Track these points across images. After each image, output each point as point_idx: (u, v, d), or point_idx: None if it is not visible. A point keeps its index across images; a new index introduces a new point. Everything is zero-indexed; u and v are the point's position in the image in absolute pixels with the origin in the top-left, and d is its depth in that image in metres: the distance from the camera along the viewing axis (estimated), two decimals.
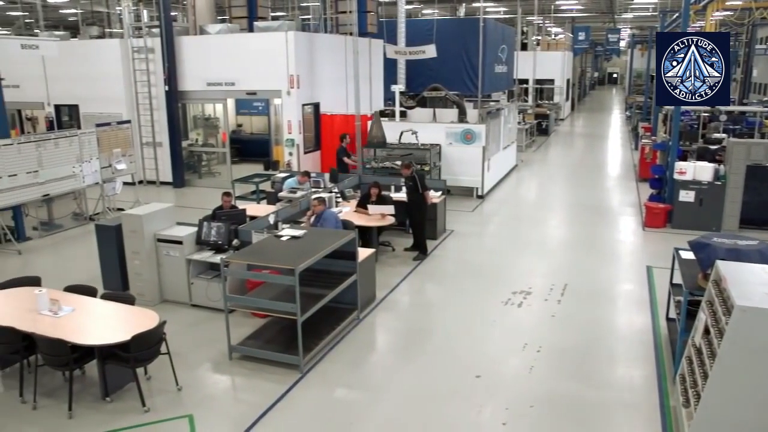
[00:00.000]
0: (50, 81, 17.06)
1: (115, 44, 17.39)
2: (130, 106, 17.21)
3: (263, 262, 7.25)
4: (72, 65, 16.87)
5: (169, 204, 9.56)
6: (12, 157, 11.76)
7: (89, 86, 17.29)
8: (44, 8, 24.59)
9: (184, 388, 6.77)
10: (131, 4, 17.96)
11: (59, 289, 7.54)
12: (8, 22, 31.69)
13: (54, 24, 33.97)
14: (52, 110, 18.08)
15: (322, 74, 16.78)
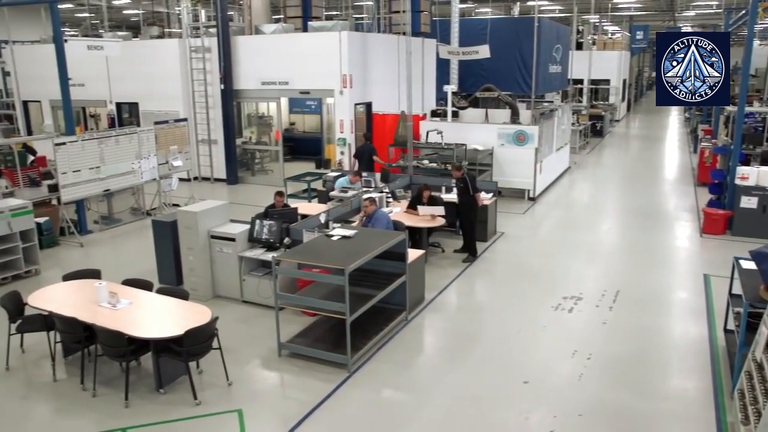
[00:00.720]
0: (112, 80, 17.60)
1: (173, 44, 17.85)
2: (186, 104, 17.64)
3: (314, 261, 7.33)
4: (133, 64, 17.37)
5: (223, 201, 9.76)
6: (76, 154, 12.21)
7: (149, 85, 17.81)
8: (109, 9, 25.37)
9: (234, 383, 6.91)
10: (190, 5, 18.39)
11: (117, 282, 7.80)
12: (76, 24, 32.82)
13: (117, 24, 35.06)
14: (113, 108, 18.67)
15: (374, 74, 16.85)
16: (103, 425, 6.22)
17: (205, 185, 17.31)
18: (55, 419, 6.44)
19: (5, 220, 9.93)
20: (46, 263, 10.83)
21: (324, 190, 12.67)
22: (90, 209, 13.48)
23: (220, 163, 17.65)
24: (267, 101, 18.21)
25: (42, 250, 10.98)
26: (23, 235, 10.26)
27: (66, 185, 12.10)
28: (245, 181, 17.86)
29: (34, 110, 21.12)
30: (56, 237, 12.16)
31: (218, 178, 17.74)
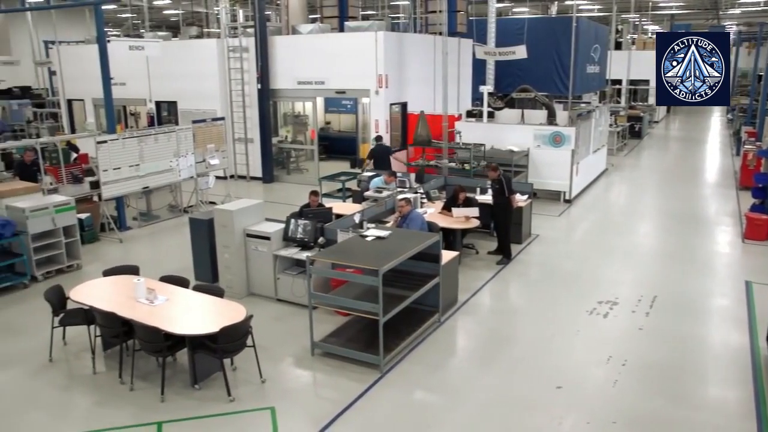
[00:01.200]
0: (152, 79, 17.90)
1: (212, 44, 18.10)
2: (224, 103, 17.87)
3: (348, 261, 7.37)
4: (172, 64, 17.65)
5: (258, 200, 9.87)
6: (117, 152, 12.47)
7: (187, 84, 18.10)
8: (149, 10, 25.84)
9: (268, 381, 6.99)
10: (228, 5, 18.63)
11: (155, 278, 7.95)
12: (118, 24, 33.53)
13: (157, 24, 35.64)
14: (153, 106, 19.02)
15: (410, 74, 16.84)
16: (139, 418, 6.36)
17: (241, 183, 17.52)
18: (95, 410, 6.59)
19: (50, 216, 10.19)
20: (87, 258, 11.08)
21: (359, 189, 12.72)
22: (129, 206, 13.77)
23: (256, 162, 17.84)
24: (303, 101, 18.35)
25: (83, 246, 11.23)
26: (66, 230, 10.52)
27: (107, 182, 12.38)
28: (280, 180, 18.03)
29: (77, 108, 21.63)
30: (97, 233, 12.44)
31: (254, 177, 17.94)
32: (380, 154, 14.82)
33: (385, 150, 15.00)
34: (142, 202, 14.15)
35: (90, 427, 6.29)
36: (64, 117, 21.89)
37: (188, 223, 10.15)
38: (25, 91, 26.73)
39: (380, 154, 14.84)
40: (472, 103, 19.56)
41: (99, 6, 12.62)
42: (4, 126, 22.50)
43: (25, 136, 21.71)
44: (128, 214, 13.51)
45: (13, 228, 9.80)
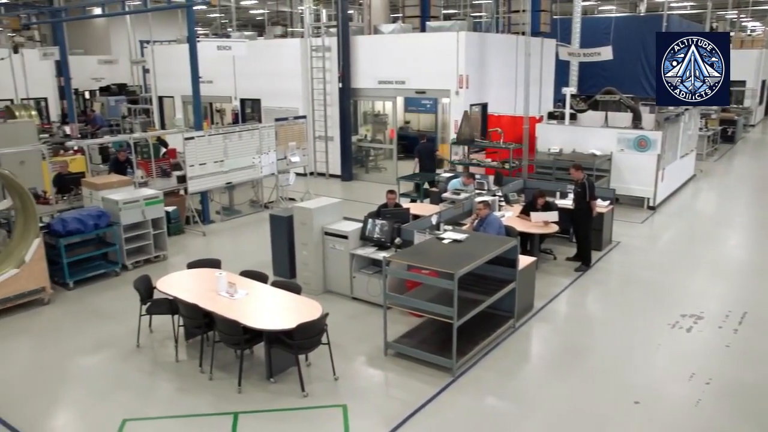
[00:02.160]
0: (238, 77, 18.48)
1: (295, 43, 18.49)
2: (306, 101, 18.23)
3: (424, 263, 7.38)
4: (257, 63, 18.14)
5: (337, 199, 10.02)
6: (203, 148, 12.95)
7: (271, 82, 18.58)
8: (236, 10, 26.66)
9: (341, 379, 7.10)
10: (312, 5, 18.98)
11: (236, 272, 8.21)
12: (207, 23, 34.80)
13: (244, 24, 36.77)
14: (237, 104, 19.63)
15: (491, 74, 16.67)
16: (217, 407, 6.60)
17: (320, 181, 17.83)
18: (176, 396, 6.89)
19: (140, 209, 10.70)
20: (173, 249, 11.56)
21: (436, 190, 12.70)
22: (213, 200, 14.28)
23: (335, 160, 18.12)
24: (383, 100, 18.48)
25: (169, 237, 11.70)
26: (154, 222, 11.01)
27: (193, 177, 12.88)
28: (359, 178, 18.24)
29: (167, 105, 22.60)
30: (182, 225, 12.97)
31: (333, 174, 18.22)
32: (425, 153, 14.98)
33: (430, 148, 15.16)
34: (225, 197, 14.63)
35: (172, 411, 6.60)
36: (155, 113, 22.91)
37: (268, 219, 10.42)
38: (121, 88, 28.18)
39: (425, 152, 14.99)
40: (554, 104, 19.15)
41: (191, 8, 13.13)
42: (102, 121, 23.76)
43: (120, 130, 22.87)
44: (212, 208, 14.02)
45: (108, 219, 10.36)
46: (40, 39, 27.32)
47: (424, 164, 14.85)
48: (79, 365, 7.65)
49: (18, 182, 9.15)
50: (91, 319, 8.90)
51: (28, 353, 8.10)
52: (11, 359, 7.86)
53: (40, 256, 9.19)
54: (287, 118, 15.29)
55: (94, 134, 21.01)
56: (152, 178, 13.37)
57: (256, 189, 14.96)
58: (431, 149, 15.21)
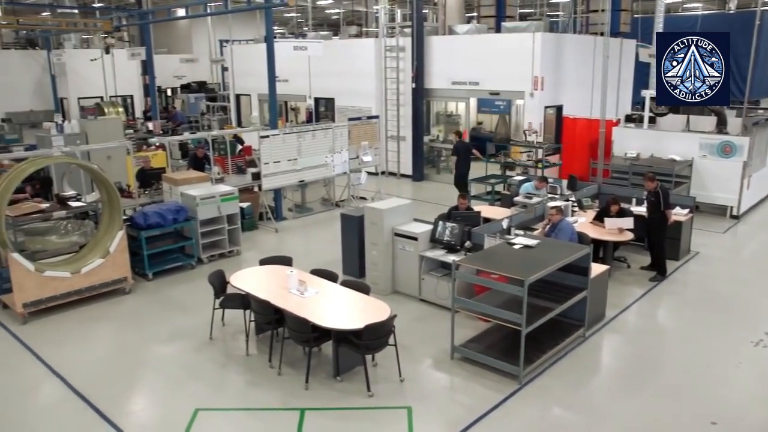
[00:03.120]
0: (312, 76, 18.79)
1: (370, 43, 18.65)
2: (379, 101, 18.35)
3: (493, 269, 7.31)
4: (332, 62, 18.38)
5: (408, 200, 10.05)
6: (278, 146, 13.24)
7: (344, 82, 18.80)
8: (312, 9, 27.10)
9: (406, 380, 7.12)
10: (387, 4, 19.08)
11: (306, 269, 8.39)
12: (284, 22, 35.54)
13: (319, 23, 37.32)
14: (312, 102, 19.96)
15: (567, 76, 16.33)
16: (284, 402, 6.75)
17: (391, 180, 17.90)
18: (246, 390, 7.08)
19: (216, 205, 11.05)
20: (246, 245, 11.88)
21: (508, 194, 12.55)
22: (286, 197, 14.58)
23: (407, 160, 18.16)
24: (456, 101, 18.39)
25: (243, 233, 12.02)
26: (229, 218, 11.34)
27: (267, 174, 13.18)
28: (430, 179, 18.21)
29: (244, 102, 23.21)
30: (256, 221, 13.30)
31: (404, 174, 18.26)
32: (463, 151, 15.07)
33: (467, 146, 15.25)
34: (298, 195, 14.91)
35: (241, 404, 6.80)
36: (232, 110, 23.58)
37: (339, 218, 10.57)
38: (201, 85, 29.18)
39: (463, 150, 15.08)
40: (632, 107, 18.57)
41: (269, 9, 13.44)
42: (183, 117, 24.65)
43: (198, 127, 23.66)
44: (284, 205, 14.31)
45: (186, 213, 10.74)
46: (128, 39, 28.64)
47: (461, 162, 15.00)
48: (156, 353, 7.98)
49: (105, 177, 9.62)
50: (168, 309, 9.27)
51: (111, 339, 8.51)
52: (96, 343, 8.29)
53: (123, 248, 9.63)
54: (360, 117, 15.44)
55: (175, 130, 21.81)
56: (228, 175, 13.77)
57: (327, 187, 15.18)
58: (468, 147, 15.27)
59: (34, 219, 9.84)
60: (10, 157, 11.93)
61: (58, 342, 8.24)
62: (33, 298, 8.79)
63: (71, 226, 10.26)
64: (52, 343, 8.20)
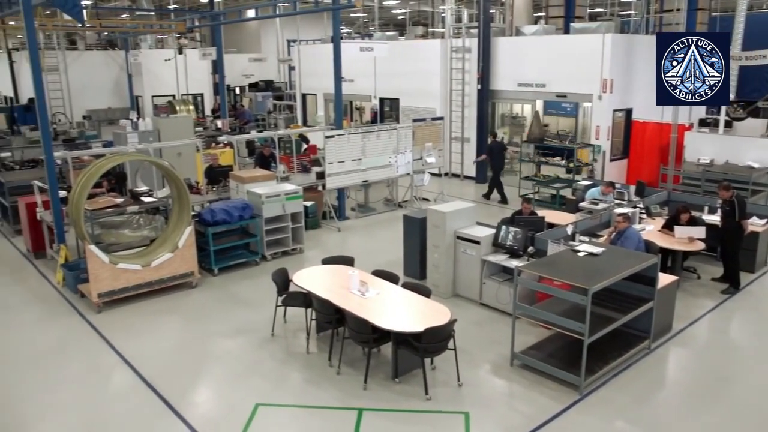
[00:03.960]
0: (378, 76, 18.89)
1: (435, 44, 18.60)
2: (443, 102, 18.29)
3: (556, 276, 7.19)
4: (397, 62, 18.40)
5: (471, 204, 9.99)
6: (342, 146, 13.39)
7: (410, 82, 18.81)
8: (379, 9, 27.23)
9: (465, 385, 7.09)
10: (453, 4, 18.98)
11: (368, 269, 8.46)
12: (350, 22, 35.87)
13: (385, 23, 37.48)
14: (377, 102, 20.07)
15: (638, 78, 15.83)
16: (342, 402, 6.82)
17: (454, 182, 17.80)
18: (305, 387, 7.19)
19: (281, 203, 11.26)
20: (309, 243, 12.06)
21: (573, 199, 12.29)
22: (349, 197, 14.71)
23: (470, 162, 18.03)
24: (522, 103, 18.14)
25: (306, 231, 12.18)
26: (293, 216, 11.53)
27: (331, 174, 13.34)
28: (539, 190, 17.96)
29: (310, 102, 23.55)
30: (319, 220, 13.49)
31: (468, 176, 18.13)
32: (496, 150, 15.58)
33: (500, 146, 15.76)
34: (361, 195, 15.03)
35: (300, 401, 6.91)
36: (298, 109, 23.95)
37: (402, 219, 10.60)
38: (268, 84, 29.76)
39: (496, 150, 15.59)
40: (707, 111, 17.88)
41: (337, 10, 13.59)
42: (250, 116, 25.21)
43: (265, 125, 24.16)
44: (347, 204, 14.45)
45: (252, 211, 11.00)
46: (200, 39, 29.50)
47: (494, 162, 15.50)
48: (219, 347, 8.20)
49: (175, 173, 9.94)
50: (232, 304, 9.51)
51: (177, 331, 8.81)
52: (163, 335, 8.60)
53: (191, 243, 9.94)
54: (425, 118, 15.43)
55: (242, 128, 22.34)
56: (293, 173, 14.01)
57: (390, 188, 15.24)
58: (502, 147, 15.76)
59: (109, 213, 10.28)
60: (90, 154, 12.47)
61: (129, 332, 8.58)
62: (107, 288, 9.19)
63: (143, 220, 10.66)
64: (124, 332, 8.55)
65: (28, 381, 7.41)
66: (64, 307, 9.49)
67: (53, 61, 24.54)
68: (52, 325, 8.95)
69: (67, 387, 7.28)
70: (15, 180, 13.25)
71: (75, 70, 26.91)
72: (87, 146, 15.81)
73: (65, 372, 7.63)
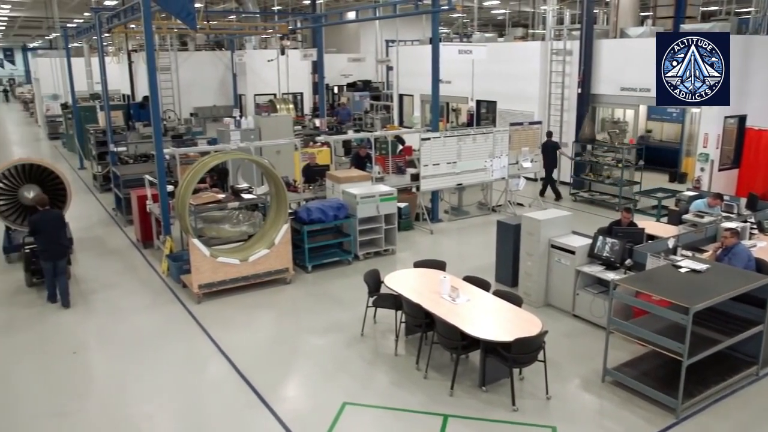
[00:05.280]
0: (475, 78, 18.72)
1: (536, 46, 18.23)
2: (542, 106, 17.91)
3: (655, 292, 6.89)
4: (496, 64, 18.18)
5: (567, 212, 9.73)
6: (438, 149, 13.38)
7: (508, 85, 18.54)
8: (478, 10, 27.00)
9: (553, 398, 6.94)
10: (555, 5, 18.51)
11: (459, 273, 8.47)
12: (449, 23, 35.73)
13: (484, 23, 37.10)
14: (473, 105, 19.91)
15: (754, 83, 14.89)
16: (427, 407, 6.83)
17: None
18: (391, 389, 7.25)
19: (375, 204, 11.40)
20: (401, 245, 12.12)
21: (676, 210, 11.72)
22: (443, 200, 14.69)
23: (567, 167, 17.55)
24: (624, 108, 17.48)
25: (399, 232, 12.24)
26: (387, 217, 11.63)
27: (426, 176, 13.37)
28: (591, 188, 17.43)
29: (407, 102, 23.68)
30: (412, 222, 13.55)
31: (564, 182, 17.65)
32: (549, 150, 15.71)
33: (554, 146, 15.90)
34: (455, 197, 14.96)
35: (385, 403, 6.97)
36: (394, 110, 24.14)
37: (495, 224, 10.49)
38: (366, 84, 30.17)
39: (549, 149, 15.72)
40: None
41: (436, 13, 13.59)
42: (347, 115, 25.65)
43: (362, 124, 24.51)
44: (440, 207, 14.42)
45: (346, 211, 11.20)
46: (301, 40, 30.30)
47: (547, 161, 15.72)
48: (310, 343, 8.42)
49: (274, 172, 10.28)
50: (324, 302, 9.73)
51: (270, 325, 9.12)
52: (257, 328, 8.92)
53: (287, 240, 10.24)
54: (522, 123, 15.18)
55: (339, 128, 22.77)
56: (388, 174, 14.13)
57: (485, 191, 15.09)
58: (555, 146, 15.91)
59: (211, 208, 10.75)
60: (196, 150, 13.09)
61: (225, 323, 8.96)
62: (207, 280, 9.63)
63: (242, 216, 11.09)
64: (220, 323, 8.94)
65: (135, 363, 7.91)
66: (167, 296, 10.04)
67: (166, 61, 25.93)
68: (156, 311, 9.50)
69: (167, 371, 7.71)
70: (128, 173, 14.15)
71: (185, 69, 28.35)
72: (193, 142, 16.60)
73: (166, 357, 8.08)
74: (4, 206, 11.54)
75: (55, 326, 9.00)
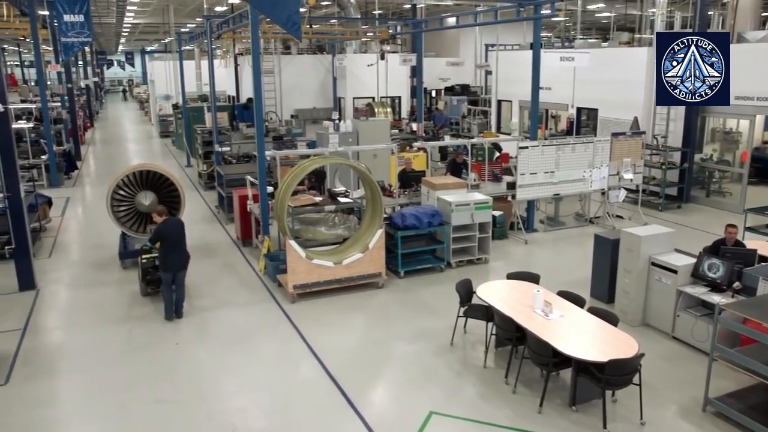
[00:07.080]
0: (576, 84, 18.22)
1: (642, 52, 17.48)
2: (647, 114, 17.18)
3: (766, 320, 6.48)
4: (598, 71, 17.59)
5: (669, 229, 9.30)
6: (535, 157, 13.14)
7: (610, 92, 17.89)
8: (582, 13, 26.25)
9: (648, 425, 6.66)
10: (665, 8, 17.70)
11: (553, 286, 8.32)
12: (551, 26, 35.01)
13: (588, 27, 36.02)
14: (573, 112, 19.38)
15: None
16: (514, 422, 6.73)
17: (652, 201, 16.67)
18: (477, 402, 7.19)
19: (470, 212, 11.34)
20: (494, 254, 11.99)
21: None
22: (539, 209, 14.41)
23: (671, 180, 16.77)
24: (738, 117, 16.48)
25: (492, 241, 12.09)
26: (481, 226, 11.54)
27: (522, 185, 13.16)
28: (697, 202, 16.59)
29: (505, 108, 23.36)
30: (506, 231, 13.37)
31: (668, 195, 16.85)
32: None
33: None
34: (551, 207, 14.63)
35: (470, 416, 6.92)
36: (492, 115, 23.88)
37: (592, 237, 10.20)
38: (464, 89, 30.00)
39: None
40: None
41: (538, 20, 13.35)
42: (444, 119, 25.61)
43: (459, 129, 24.40)
44: (536, 216, 14.15)
45: (441, 218, 11.22)
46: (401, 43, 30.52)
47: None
48: (399, 349, 8.49)
49: (371, 177, 10.44)
50: (415, 308, 9.79)
51: (361, 329, 9.26)
52: (349, 331, 9.10)
53: (381, 245, 10.37)
54: (625, 132, 14.63)
55: (436, 132, 22.75)
56: (484, 182, 14.01)
57: (582, 202, 14.67)
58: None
59: (308, 210, 11.05)
60: (297, 153, 13.50)
61: (317, 324, 9.20)
62: (302, 281, 9.92)
63: (338, 219, 11.33)
64: (313, 324, 9.18)
65: (232, 357, 8.26)
66: (263, 294, 10.42)
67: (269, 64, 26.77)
68: (253, 309, 9.87)
69: (261, 368, 8.02)
70: (231, 173, 14.78)
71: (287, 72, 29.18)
72: (293, 144, 17.10)
73: (261, 354, 8.40)
74: (123, 213, 11.85)
75: (160, 315, 9.53)
